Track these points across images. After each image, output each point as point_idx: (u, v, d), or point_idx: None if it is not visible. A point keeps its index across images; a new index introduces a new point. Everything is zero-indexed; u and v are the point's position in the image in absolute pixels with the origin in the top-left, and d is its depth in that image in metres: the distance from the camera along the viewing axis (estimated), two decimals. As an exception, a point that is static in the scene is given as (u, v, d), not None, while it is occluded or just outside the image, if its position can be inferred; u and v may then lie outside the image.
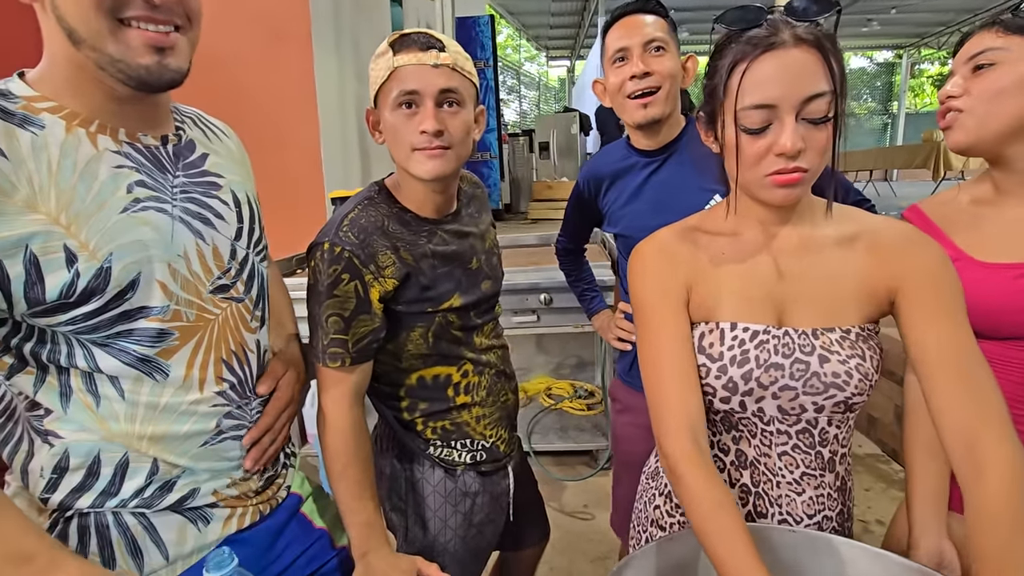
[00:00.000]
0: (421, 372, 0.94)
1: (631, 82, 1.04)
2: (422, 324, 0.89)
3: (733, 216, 0.73)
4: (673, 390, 0.69)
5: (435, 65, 0.80)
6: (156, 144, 0.67)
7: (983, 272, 0.81)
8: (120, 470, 0.64)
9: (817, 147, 0.62)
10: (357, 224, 0.83)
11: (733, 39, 0.64)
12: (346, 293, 0.81)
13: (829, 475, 0.73)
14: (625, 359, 1.26)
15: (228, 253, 0.72)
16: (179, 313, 0.65)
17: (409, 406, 0.96)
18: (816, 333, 0.68)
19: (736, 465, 0.75)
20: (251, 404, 0.75)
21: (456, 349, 0.95)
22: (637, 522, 0.87)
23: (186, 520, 0.69)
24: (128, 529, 0.66)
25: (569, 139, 8.62)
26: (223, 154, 0.77)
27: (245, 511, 0.75)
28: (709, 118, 0.69)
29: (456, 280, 0.91)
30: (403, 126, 0.82)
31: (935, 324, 0.64)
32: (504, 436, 1.04)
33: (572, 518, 2.09)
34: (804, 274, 0.69)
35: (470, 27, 5.06)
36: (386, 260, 0.84)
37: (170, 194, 0.66)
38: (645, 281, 0.73)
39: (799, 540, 0.69)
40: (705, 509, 0.62)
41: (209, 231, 0.69)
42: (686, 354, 0.70)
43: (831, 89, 0.61)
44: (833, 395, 0.67)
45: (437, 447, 0.98)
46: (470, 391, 0.97)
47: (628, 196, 1.14)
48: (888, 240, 0.68)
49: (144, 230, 0.62)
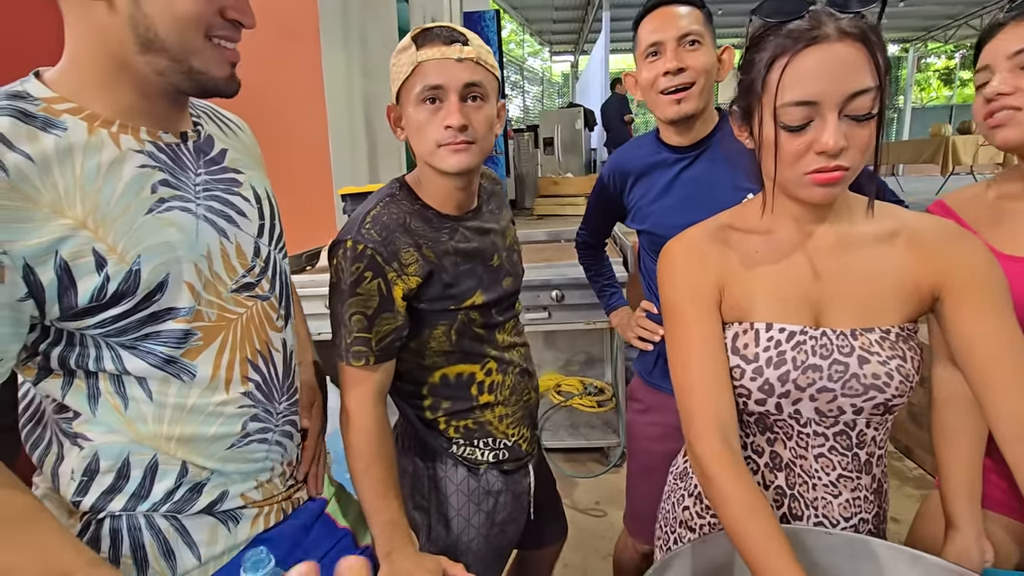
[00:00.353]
0: (445, 370, 0.93)
1: (664, 78, 1.01)
2: (445, 322, 0.89)
3: (768, 214, 0.71)
4: (704, 391, 0.67)
5: (459, 59, 0.79)
6: (176, 142, 0.66)
7: (1009, 265, 0.80)
8: (150, 472, 0.64)
9: (859, 145, 0.60)
10: (379, 221, 0.83)
11: (771, 31, 0.62)
12: (369, 291, 0.81)
13: (866, 477, 0.72)
14: (646, 359, 1.24)
15: (252, 251, 0.71)
16: (201, 313, 0.64)
17: (432, 405, 0.95)
18: (855, 333, 0.67)
19: (771, 467, 0.74)
20: (277, 407, 0.74)
21: (479, 347, 0.94)
22: (665, 523, 0.86)
23: (217, 521, 0.69)
24: (161, 532, 0.65)
25: (574, 135, 8.60)
26: (240, 149, 0.77)
27: (271, 509, 0.75)
28: (744, 113, 0.67)
29: (478, 277, 0.90)
30: (427, 121, 0.81)
31: (984, 320, 0.63)
32: (526, 435, 1.03)
33: (585, 515, 2.08)
34: (841, 273, 0.68)
35: (476, 22, 5.03)
36: (409, 258, 0.83)
37: (193, 193, 0.65)
38: (675, 281, 0.72)
39: (836, 543, 0.68)
40: (739, 511, 0.61)
41: (232, 229, 0.69)
42: (717, 355, 0.69)
43: (876, 84, 0.59)
44: (873, 397, 0.66)
45: (460, 445, 0.98)
46: (494, 390, 0.96)
47: (657, 192, 1.12)
48: (931, 237, 0.67)
49: (170, 231, 0.61)
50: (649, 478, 1.24)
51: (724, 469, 0.64)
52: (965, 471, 0.76)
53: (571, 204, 5.90)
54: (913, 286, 0.67)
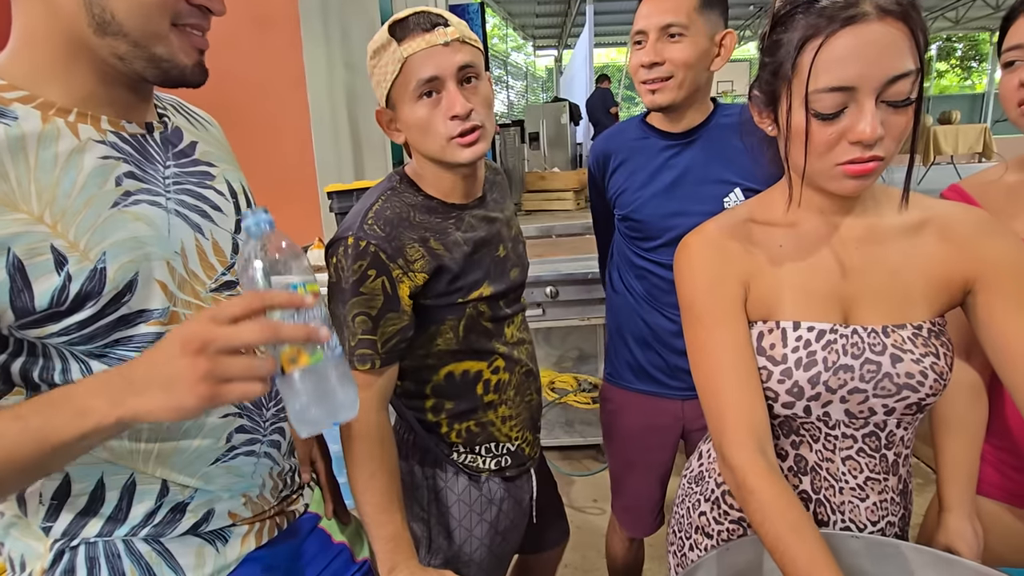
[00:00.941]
0: (451, 367, 0.88)
1: (642, 69, 1.01)
2: (452, 317, 0.84)
3: (793, 206, 0.67)
4: (735, 398, 0.63)
5: (446, 43, 0.75)
6: (142, 132, 0.61)
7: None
8: (127, 493, 0.59)
9: (896, 133, 0.56)
10: (382, 216, 0.78)
11: (801, 9, 0.57)
12: (373, 291, 0.76)
13: (892, 478, 0.68)
14: (614, 360, 1.23)
15: (230, 247, 0.66)
16: (177, 315, 0.59)
17: (434, 406, 0.91)
18: (887, 331, 0.63)
19: (795, 471, 0.70)
20: (265, 413, 0.69)
21: (487, 343, 0.90)
22: (679, 528, 0.82)
23: (203, 541, 0.64)
24: (142, 557, 0.60)
25: (559, 129, 8.56)
26: (211, 143, 0.72)
27: (263, 526, 0.70)
28: (768, 99, 0.62)
29: (485, 269, 0.86)
30: (430, 117, 0.77)
31: (1020, 314, 0.60)
32: (529, 438, 0.99)
33: (583, 513, 2.05)
34: (870, 267, 0.64)
35: (460, 14, 4.95)
36: (415, 254, 0.78)
37: (162, 186, 0.60)
38: (695, 278, 0.67)
39: (860, 546, 0.65)
40: (782, 529, 0.58)
41: (208, 224, 0.64)
42: (746, 358, 0.64)
43: (917, 67, 0.54)
44: (906, 397, 0.63)
45: (461, 453, 0.93)
46: (499, 389, 0.92)
47: (641, 178, 1.09)
48: (962, 227, 0.63)
49: (138, 226, 0.56)
50: (631, 473, 1.25)
51: (763, 483, 0.60)
52: (964, 457, 0.75)
53: (559, 199, 5.86)
54: (944, 279, 0.63)
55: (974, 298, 0.63)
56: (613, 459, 1.29)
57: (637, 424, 1.20)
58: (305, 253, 0.57)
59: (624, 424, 1.23)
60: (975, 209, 0.66)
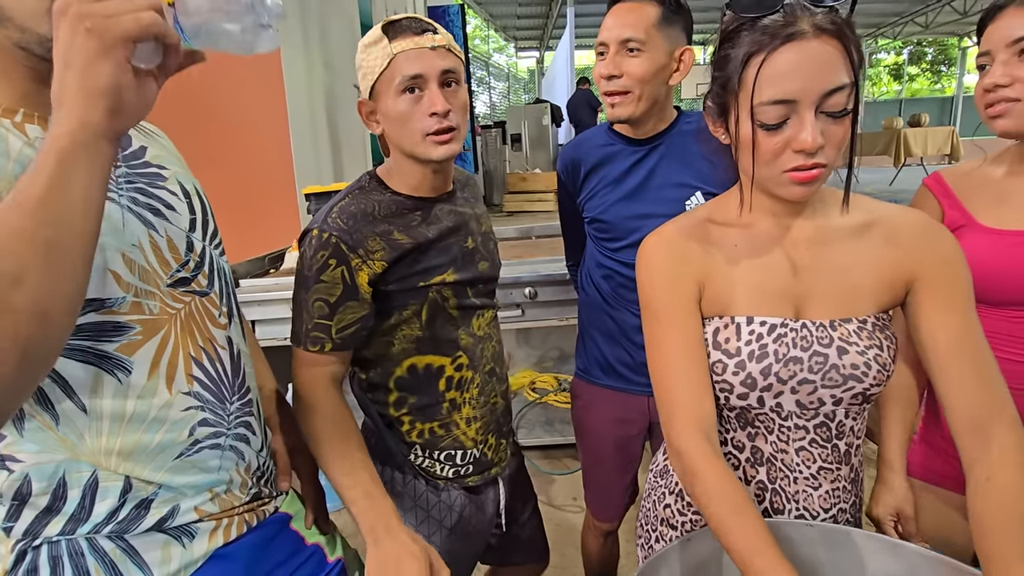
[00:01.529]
0: (414, 360, 0.90)
1: (604, 81, 1.05)
2: (415, 301, 0.87)
3: (746, 209, 0.71)
4: (685, 390, 0.67)
5: (433, 47, 0.81)
6: None
7: (985, 236, 0.84)
8: (89, 491, 0.59)
9: (836, 141, 0.60)
10: (347, 211, 0.83)
11: (746, 26, 0.60)
12: (333, 279, 0.81)
13: (844, 467, 0.72)
14: (582, 358, 1.27)
15: (184, 245, 0.67)
16: (140, 306, 0.60)
17: (397, 400, 0.92)
18: (834, 324, 0.67)
19: (752, 462, 0.73)
20: (228, 407, 0.70)
21: (452, 332, 0.92)
22: (646, 521, 0.85)
23: (169, 538, 0.64)
24: (106, 554, 0.60)
25: (541, 130, 8.61)
26: (160, 148, 0.73)
27: (231, 522, 0.70)
28: (720, 110, 0.66)
29: (452, 256, 0.90)
30: (410, 111, 0.82)
31: (949, 315, 0.65)
32: (492, 443, 1.00)
33: (562, 511, 2.08)
34: (819, 265, 0.68)
35: (441, 16, 4.96)
36: (375, 245, 0.83)
37: (115, 184, 0.61)
38: (653, 278, 0.70)
39: (815, 534, 0.68)
40: (724, 509, 0.61)
41: (161, 222, 0.65)
42: (698, 354, 0.68)
43: (851, 81, 0.58)
44: (852, 387, 0.66)
45: (418, 456, 0.94)
46: (461, 387, 0.94)
47: (608, 182, 1.13)
48: (906, 230, 0.67)
49: None
50: (601, 466, 1.28)
51: (708, 467, 0.63)
52: (899, 426, 0.86)
53: (540, 200, 5.90)
54: (889, 277, 0.67)
55: (912, 296, 0.67)
56: (584, 453, 1.32)
57: (606, 418, 1.23)
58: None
59: (593, 418, 1.26)
60: (917, 212, 0.70)
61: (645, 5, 1.01)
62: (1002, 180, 0.86)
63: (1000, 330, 0.84)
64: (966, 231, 0.86)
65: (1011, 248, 0.81)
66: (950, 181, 0.90)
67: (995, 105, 0.81)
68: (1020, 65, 0.78)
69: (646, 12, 1.00)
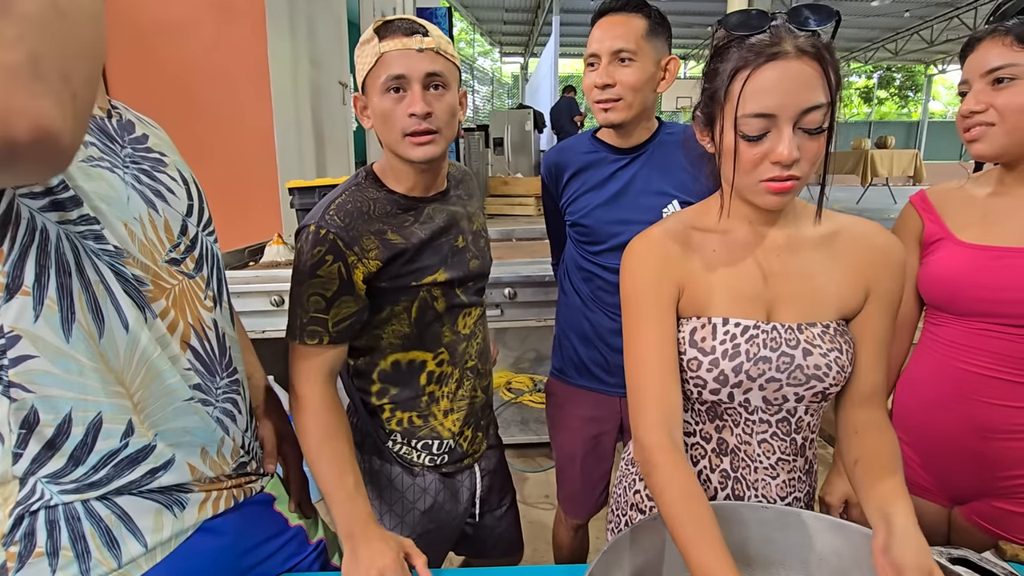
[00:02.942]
0: (398, 355, 0.93)
1: (596, 90, 1.09)
2: (406, 298, 0.90)
3: (725, 216, 0.75)
4: (654, 385, 0.71)
5: (420, 49, 0.82)
6: (102, 115, 0.65)
7: (961, 249, 0.89)
8: (92, 429, 0.61)
9: (810, 157, 0.64)
10: (343, 208, 0.85)
11: (735, 43, 0.65)
12: (329, 274, 0.82)
13: (800, 459, 0.78)
14: (559, 356, 1.32)
15: (179, 228, 0.70)
16: (146, 267, 0.64)
17: (379, 391, 0.95)
18: (800, 328, 0.72)
19: (717, 452, 0.78)
20: (217, 381, 0.73)
21: (439, 329, 0.94)
22: (616, 507, 0.90)
23: (161, 506, 0.67)
24: (102, 520, 0.62)
25: (523, 135, 8.66)
26: (160, 139, 0.76)
27: (220, 495, 0.73)
28: (707, 119, 0.71)
29: (442, 256, 0.92)
30: (392, 110, 0.83)
31: (882, 318, 0.74)
32: (469, 435, 1.03)
33: (535, 509, 2.12)
34: (789, 272, 0.73)
35: (427, 17, 4.99)
36: (370, 244, 0.85)
37: (121, 162, 0.64)
38: (636, 277, 0.75)
39: (770, 516, 0.74)
40: (675, 497, 0.64)
41: (161, 203, 0.68)
42: (670, 352, 0.72)
43: (828, 101, 0.63)
44: (813, 386, 0.72)
45: (397, 443, 0.97)
46: (441, 381, 0.97)
47: (590, 187, 1.17)
48: (864, 240, 0.74)
49: (100, 184, 0.59)
50: (573, 463, 1.32)
51: (667, 459, 0.67)
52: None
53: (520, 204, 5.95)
54: (850, 286, 0.73)
55: (865, 305, 0.74)
56: (558, 451, 1.36)
57: (579, 416, 1.27)
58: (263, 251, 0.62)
59: (567, 416, 1.30)
60: (873, 224, 0.76)
61: (633, 17, 1.06)
62: (982, 199, 0.91)
63: (966, 342, 0.88)
64: (943, 244, 0.92)
65: (984, 262, 0.86)
66: (933, 198, 0.96)
67: (972, 129, 0.86)
68: (993, 93, 0.82)
69: (634, 24, 1.06)
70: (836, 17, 0.64)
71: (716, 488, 0.79)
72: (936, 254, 0.92)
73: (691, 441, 0.80)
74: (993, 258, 0.85)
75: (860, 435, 0.73)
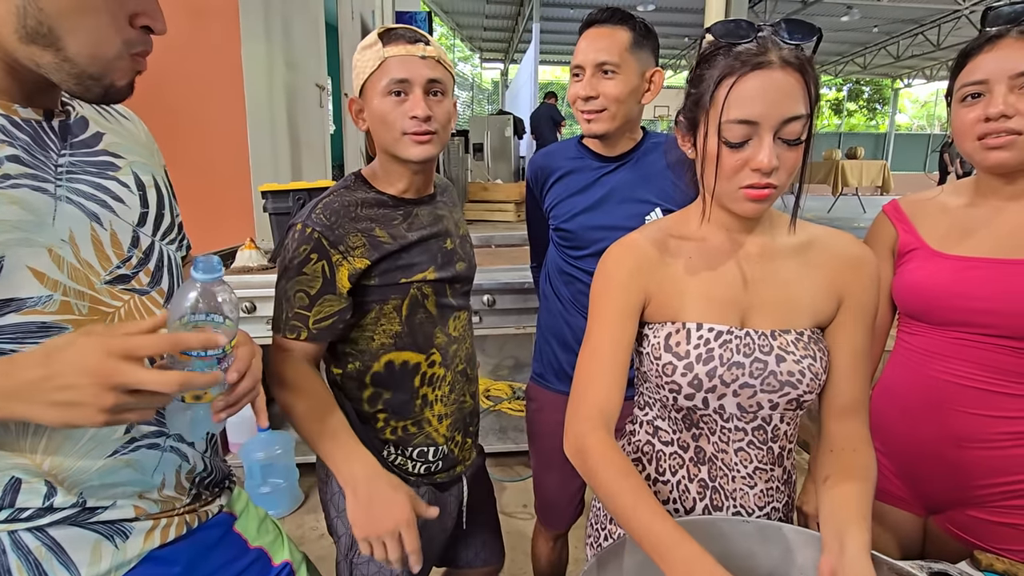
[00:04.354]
0: (391, 356, 0.93)
1: (580, 100, 1.10)
2: (396, 296, 0.91)
3: (704, 223, 0.76)
4: (600, 384, 0.72)
5: (423, 57, 0.86)
6: (38, 119, 0.60)
7: (935, 260, 0.89)
8: (12, 490, 0.57)
9: (788, 166, 0.65)
10: (330, 208, 0.87)
11: (722, 51, 0.66)
12: (314, 272, 0.85)
13: (778, 469, 0.77)
14: (540, 362, 1.32)
15: (129, 240, 0.65)
16: (68, 305, 0.58)
17: (371, 396, 0.94)
18: (774, 334, 0.72)
19: (695, 461, 0.78)
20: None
21: (430, 329, 0.95)
22: (595, 520, 0.88)
23: (100, 536, 0.61)
24: (30, 552, 0.57)
25: (503, 141, 8.67)
26: (122, 134, 0.70)
27: (170, 523, 0.68)
28: (690, 124, 0.71)
29: (432, 255, 0.94)
30: (392, 112, 0.86)
31: (856, 329, 0.74)
32: (459, 440, 1.02)
33: (513, 518, 2.09)
34: (764, 280, 0.74)
35: (407, 22, 4.96)
36: (356, 241, 0.86)
37: (53, 173, 0.59)
38: (607, 280, 0.76)
39: (750, 529, 0.73)
40: (610, 474, 0.66)
41: (107, 214, 0.63)
42: (623, 356, 0.74)
43: (807, 113, 0.64)
44: (787, 393, 0.72)
45: (392, 453, 0.96)
46: (434, 383, 0.96)
47: (574, 193, 1.18)
48: (838, 251, 0.75)
49: (12, 209, 0.54)
50: (550, 471, 1.31)
51: (598, 444, 0.68)
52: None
53: (500, 210, 5.94)
54: (823, 295, 0.74)
55: (838, 315, 0.75)
56: (535, 457, 1.35)
57: (557, 423, 1.25)
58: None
59: (545, 422, 1.29)
60: (846, 236, 0.77)
61: (617, 30, 1.07)
62: (958, 210, 0.90)
63: (941, 350, 0.88)
64: (917, 254, 0.91)
65: (959, 272, 0.85)
66: (906, 208, 0.95)
67: (994, 136, 0.78)
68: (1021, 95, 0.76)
69: (619, 37, 1.06)
70: (818, 34, 0.65)
71: (695, 499, 0.78)
72: (910, 264, 0.92)
73: (669, 451, 0.80)
74: (967, 268, 0.85)
75: (835, 454, 0.73)
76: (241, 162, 2.70)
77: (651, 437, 0.82)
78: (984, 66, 0.80)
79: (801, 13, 11.19)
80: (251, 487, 2.05)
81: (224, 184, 2.64)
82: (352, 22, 4.37)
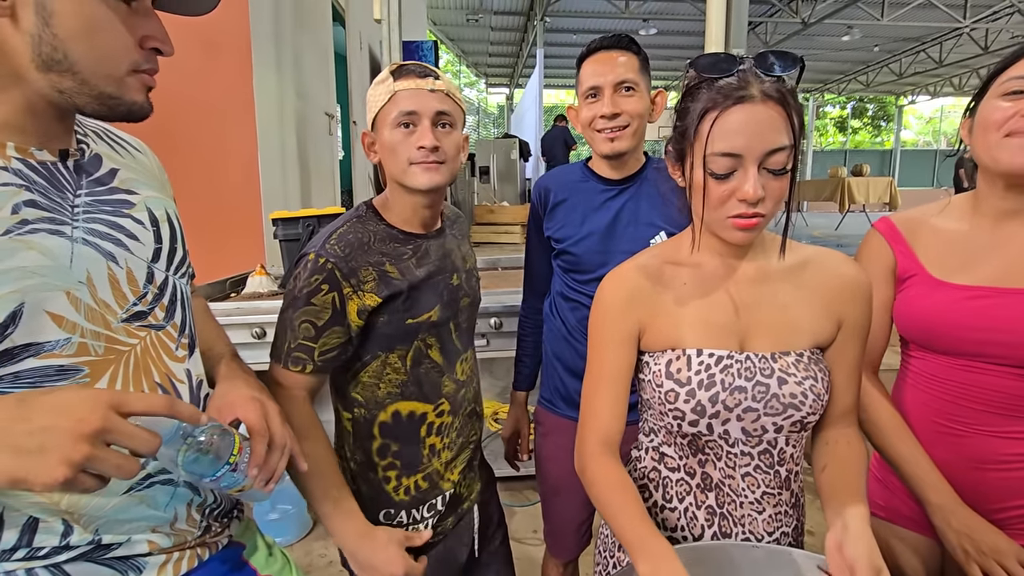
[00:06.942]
0: (398, 405, 0.92)
1: (601, 120, 1.10)
2: (401, 347, 0.90)
3: (696, 249, 0.77)
4: (604, 411, 0.76)
5: (432, 90, 0.88)
6: (53, 160, 0.60)
7: (936, 289, 0.86)
8: (28, 530, 0.57)
9: (775, 195, 0.67)
10: (344, 239, 0.87)
11: (705, 85, 0.67)
12: (323, 303, 0.84)
13: (786, 493, 0.77)
14: (547, 387, 1.31)
15: (144, 277, 0.66)
16: (86, 347, 0.58)
17: (380, 448, 0.93)
18: (774, 357, 0.73)
19: (702, 488, 0.77)
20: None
21: (437, 378, 0.94)
22: (604, 547, 0.87)
23: (115, 572, 0.62)
24: None
25: (509, 164, 8.77)
26: (136, 169, 0.71)
27: (182, 555, 0.68)
28: (678, 155, 0.73)
29: (439, 293, 0.94)
30: (401, 143, 0.87)
31: (852, 343, 0.76)
32: (467, 480, 1.03)
33: (523, 544, 2.06)
34: (761, 303, 0.74)
35: (414, 51, 5.08)
36: (367, 276, 0.86)
37: (70, 215, 0.59)
38: (602, 312, 0.78)
39: (760, 555, 0.72)
40: (608, 489, 0.71)
41: (122, 253, 0.63)
42: (623, 383, 0.77)
43: (791, 143, 0.65)
44: (791, 415, 0.72)
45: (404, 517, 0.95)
46: (442, 432, 0.96)
47: (579, 216, 1.18)
48: (835, 272, 0.75)
49: (30, 255, 0.54)
50: (558, 496, 1.30)
51: (602, 467, 0.74)
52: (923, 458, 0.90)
53: (507, 232, 5.96)
54: (822, 316, 0.75)
55: (838, 335, 0.75)
56: (543, 482, 1.34)
57: (563, 448, 1.24)
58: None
59: (553, 446, 1.28)
60: (841, 257, 0.77)
61: (627, 53, 1.10)
62: (954, 233, 0.87)
63: (950, 376, 0.86)
64: (917, 281, 0.88)
65: (965, 302, 0.83)
66: (902, 228, 0.91)
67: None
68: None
69: (631, 59, 1.10)
70: (800, 63, 0.67)
71: (703, 526, 0.77)
72: (910, 291, 0.90)
73: (676, 477, 0.79)
74: (974, 297, 0.83)
75: (831, 445, 0.78)
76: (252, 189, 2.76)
77: (657, 463, 0.82)
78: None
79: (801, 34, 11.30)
80: (259, 513, 2.04)
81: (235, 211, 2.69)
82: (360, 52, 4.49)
